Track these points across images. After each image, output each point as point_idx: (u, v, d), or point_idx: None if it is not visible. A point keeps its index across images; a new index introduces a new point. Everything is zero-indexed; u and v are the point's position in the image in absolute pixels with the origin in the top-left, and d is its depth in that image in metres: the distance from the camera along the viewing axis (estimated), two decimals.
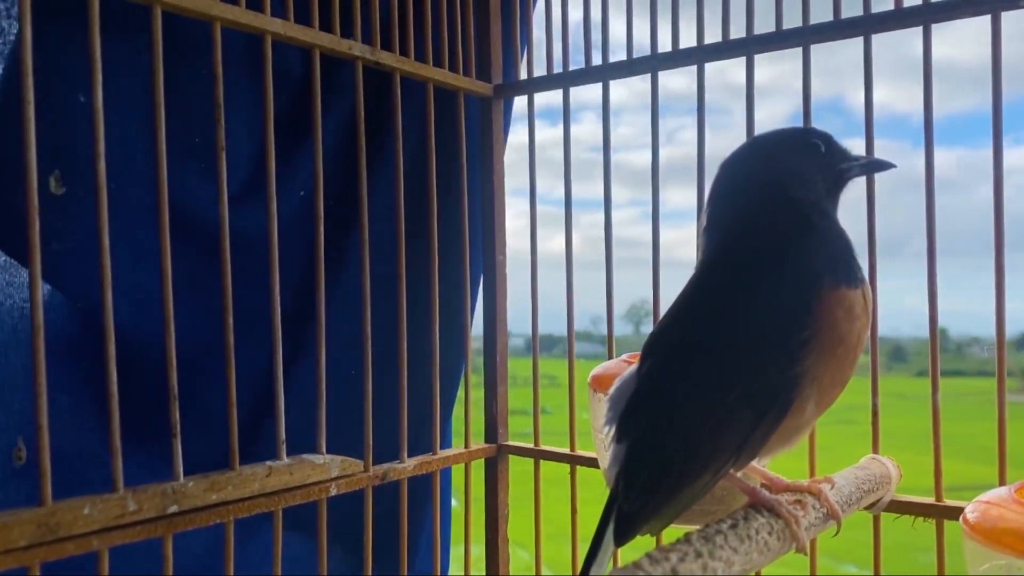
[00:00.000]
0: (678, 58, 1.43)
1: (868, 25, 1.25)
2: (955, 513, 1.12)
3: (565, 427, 1.55)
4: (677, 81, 1.41)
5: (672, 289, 1.50)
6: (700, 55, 1.40)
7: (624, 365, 1.07)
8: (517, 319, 1.68)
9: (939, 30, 1.20)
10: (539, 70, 1.63)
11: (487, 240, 1.68)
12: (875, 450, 1.21)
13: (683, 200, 1.39)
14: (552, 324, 1.68)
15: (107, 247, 1.05)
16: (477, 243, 1.67)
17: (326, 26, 1.33)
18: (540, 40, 1.64)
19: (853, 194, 1.01)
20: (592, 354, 1.90)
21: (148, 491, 1.08)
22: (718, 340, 0.85)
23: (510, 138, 1.73)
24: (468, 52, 1.62)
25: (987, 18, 1.15)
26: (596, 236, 1.52)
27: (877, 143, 1.24)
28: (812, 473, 1.25)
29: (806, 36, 1.29)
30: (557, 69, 1.60)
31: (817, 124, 1.10)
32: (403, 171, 1.47)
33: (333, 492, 1.32)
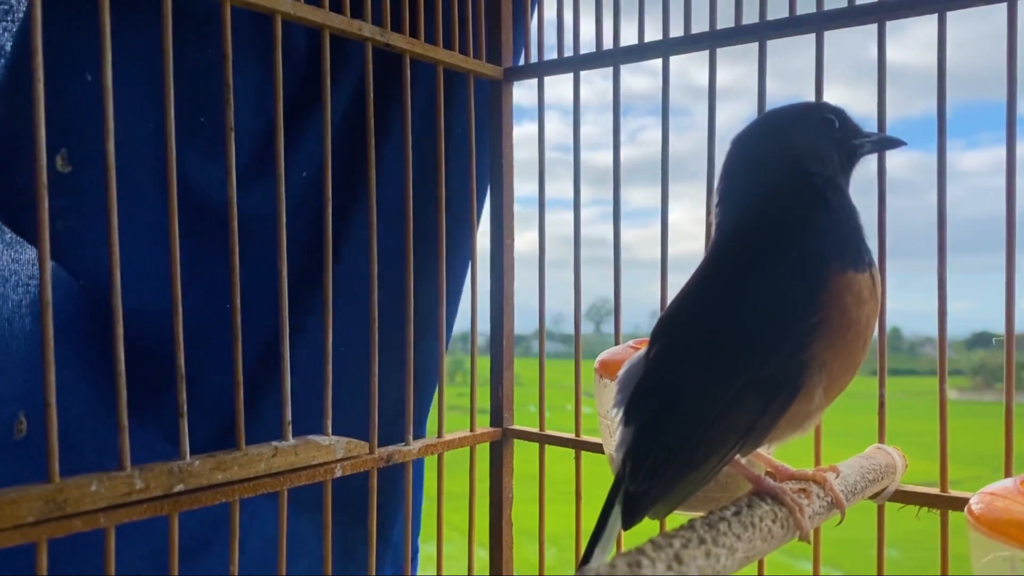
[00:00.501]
0: (690, 43, 1.42)
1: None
2: (960, 504, 1.12)
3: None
4: (639, 82, 1.41)
5: (633, 288, 1.51)
6: (712, 40, 1.39)
7: (631, 351, 1.07)
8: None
9: (896, 35, 1.21)
10: (550, 55, 1.62)
11: (495, 223, 1.67)
12: (881, 440, 1.21)
13: (646, 200, 1.41)
14: (519, 324, 1.71)
15: (116, 226, 1.05)
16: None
17: (336, 7, 1.33)
18: (550, 25, 1.63)
19: None
20: (554, 353, 1.89)
21: (155, 469, 1.09)
22: (727, 324, 0.85)
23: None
24: (479, 35, 1.61)
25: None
26: (559, 234, 1.54)
27: None
28: (818, 462, 1.25)
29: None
30: (568, 53, 1.59)
31: None
32: (411, 153, 1.46)
33: (338, 473, 1.32)
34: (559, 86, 1.57)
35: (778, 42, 1.33)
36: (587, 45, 1.56)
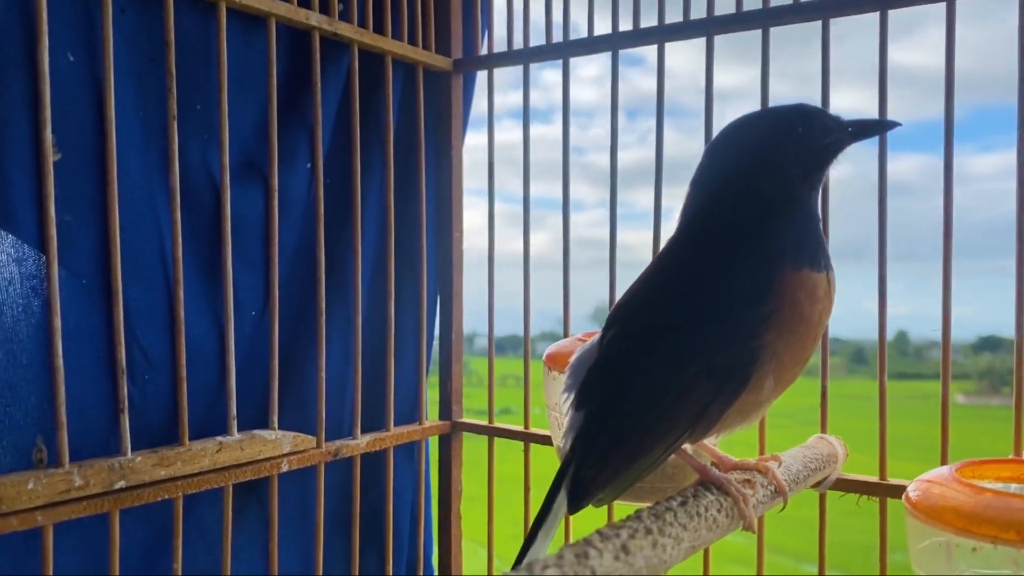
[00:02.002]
0: (638, 37, 1.43)
1: (766, 19, 1.29)
2: (898, 492, 1.14)
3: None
4: (651, 82, 1.40)
5: None
6: (661, 34, 1.40)
7: (578, 343, 1.08)
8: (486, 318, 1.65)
9: (908, 36, 1.20)
10: (499, 47, 1.62)
11: (443, 217, 1.66)
12: (823, 430, 1.24)
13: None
14: (517, 325, 1.62)
15: (117, 223, 1.02)
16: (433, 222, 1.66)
17: None
18: (501, 16, 1.63)
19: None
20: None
21: (95, 466, 1.06)
22: (681, 312, 0.86)
23: (472, 139, 1.72)
24: (428, 26, 1.60)
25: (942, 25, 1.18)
26: (575, 236, 1.50)
27: None
28: (762, 451, 1.27)
29: (766, 19, 1.30)
30: (518, 46, 1.59)
31: None
32: (360, 144, 1.45)
33: (284, 468, 1.31)
34: (559, 91, 1.53)
35: (788, 43, 1.31)
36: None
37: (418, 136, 1.59)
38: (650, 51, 1.41)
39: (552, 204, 1.52)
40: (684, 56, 1.36)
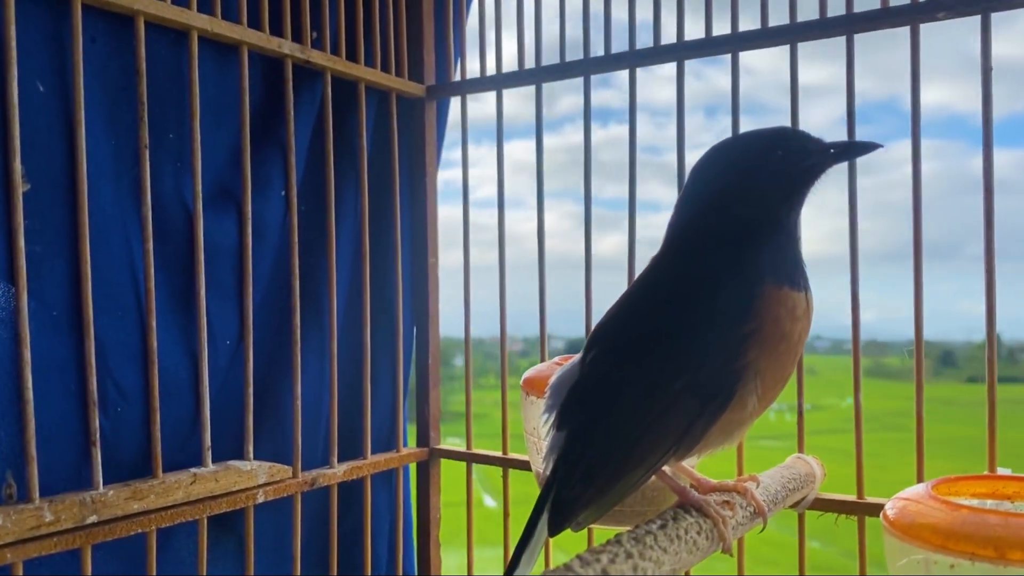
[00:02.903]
0: (610, 62, 1.44)
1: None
2: (876, 510, 1.15)
3: None
4: (724, 80, 1.34)
5: None
6: (632, 59, 1.41)
7: (555, 367, 1.08)
8: (562, 319, 1.60)
9: (1004, 28, 1.14)
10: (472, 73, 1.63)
11: (418, 242, 1.66)
12: (800, 449, 1.24)
13: None
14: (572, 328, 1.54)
15: (88, 254, 1.01)
16: (408, 245, 1.66)
17: (255, 23, 1.31)
18: (473, 43, 1.64)
19: (900, 195, 0.96)
20: None
21: (66, 500, 1.04)
22: (664, 331, 0.86)
23: (556, 141, 1.67)
24: (401, 53, 1.60)
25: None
26: (648, 238, 1.40)
27: (930, 143, 1.21)
28: (740, 472, 1.28)
29: (735, 43, 1.32)
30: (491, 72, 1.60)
31: (868, 124, 1.05)
32: (334, 171, 1.45)
33: (260, 499, 1.29)
34: (648, 87, 1.44)
35: (875, 38, 1.25)
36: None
37: (392, 162, 1.59)
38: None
39: (621, 205, 1.47)
40: (766, 53, 1.31)
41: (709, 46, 1.34)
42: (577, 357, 0.94)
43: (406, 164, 1.65)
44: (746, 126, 1.32)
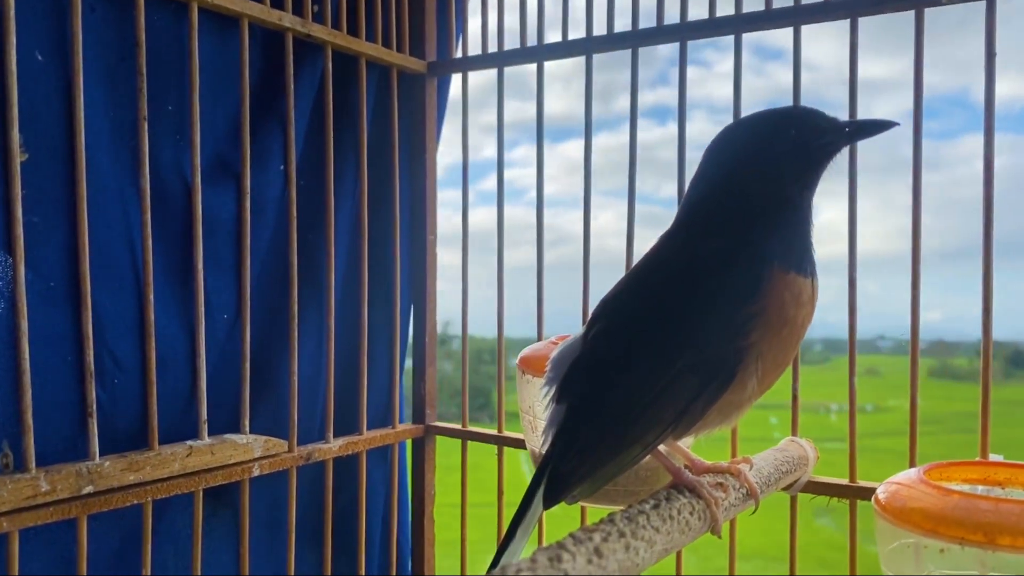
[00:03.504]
0: (612, 41, 1.43)
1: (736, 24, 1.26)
2: (867, 494, 1.16)
3: None
4: (790, 74, 1.30)
5: None
6: (634, 39, 1.40)
7: (552, 347, 1.08)
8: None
9: None
10: (474, 50, 1.62)
11: (417, 220, 1.66)
12: (794, 433, 1.25)
13: None
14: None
15: (85, 225, 1.01)
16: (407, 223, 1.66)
17: None
18: (475, 19, 1.63)
19: (969, 192, 0.92)
20: None
21: (62, 471, 1.05)
22: (669, 309, 0.86)
23: (616, 139, 1.60)
24: (402, 28, 1.59)
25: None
26: None
27: (1003, 137, 1.15)
28: (733, 455, 1.28)
29: (739, 24, 1.31)
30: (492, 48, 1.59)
31: (936, 118, 0.98)
32: (333, 146, 1.45)
33: (256, 473, 1.30)
34: (707, 84, 1.42)
35: (943, 28, 1.20)
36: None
37: (392, 138, 1.58)
38: (787, 41, 1.31)
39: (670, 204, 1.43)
40: (829, 46, 1.28)
41: (711, 27, 1.33)
42: (579, 332, 0.94)
43: (406, 141, 1.65)
44: None
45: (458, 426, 1.62)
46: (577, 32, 1.47)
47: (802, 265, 0.87)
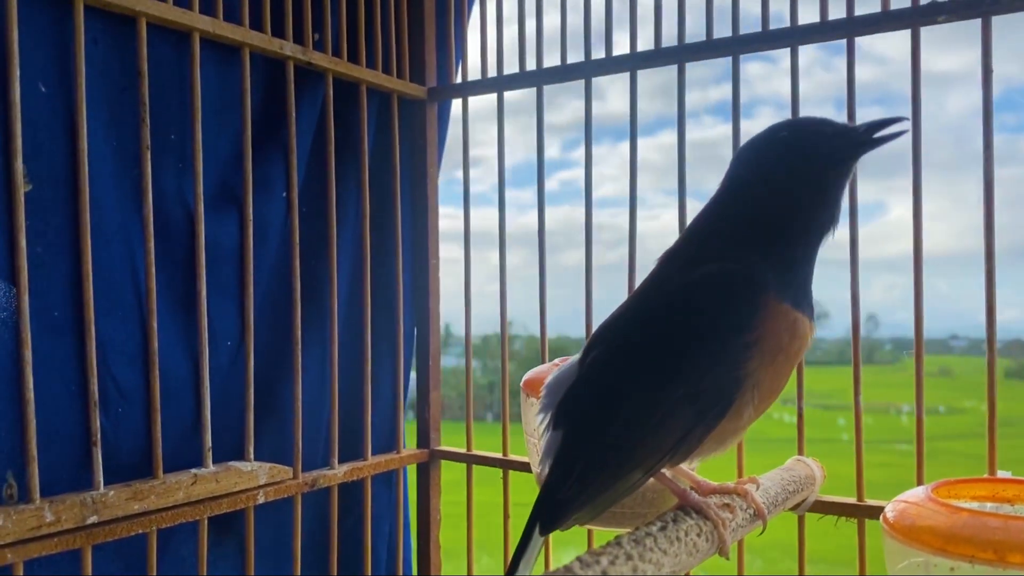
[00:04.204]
0: (610, 65, 1.44)
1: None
2: (876, 512, 1.15)
3: None
4: (865, 72, 1.25)
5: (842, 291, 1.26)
6: (632, 62, 1.41)
7: (555, 369, 1.08)
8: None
9: None
10: (473, 75, 1.63)
11: (419, 245, 1.67)
12: (800, 452, 1.24)
13: (865, 195, 1.22)
14: None
15: (89, 256, 1.01)
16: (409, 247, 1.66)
17: (257, 25, 1.31)
18: (475, 45, 1.64)
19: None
20: None
21: (66, 501, 1.04)
22: (667, 337, 0.86)
23: (674, 138, 1.53)
24: (402, 55, 1.61)
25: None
26: None
27: None
28: (740, 475, 1.28)
29: (735, 47, 1.32)
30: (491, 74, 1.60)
31: (1011, 111, 0.91)
32: (335, 173, 1.45)
33: (261, 500, 1.29)
34: (772, 80, 1.37)
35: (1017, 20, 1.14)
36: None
37: (394, 164, 1.59)
38: (862, 40, 1.28)
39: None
40: (899, 38, 1.24)
41: (707, 49, 1.34)
42: (576, 357, 0.94)
43: (407, 166, 1.65)
44: (871, 115, 1.12)
45: (463, 450, 1.61)
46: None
47: (797, 300, 0.86)
